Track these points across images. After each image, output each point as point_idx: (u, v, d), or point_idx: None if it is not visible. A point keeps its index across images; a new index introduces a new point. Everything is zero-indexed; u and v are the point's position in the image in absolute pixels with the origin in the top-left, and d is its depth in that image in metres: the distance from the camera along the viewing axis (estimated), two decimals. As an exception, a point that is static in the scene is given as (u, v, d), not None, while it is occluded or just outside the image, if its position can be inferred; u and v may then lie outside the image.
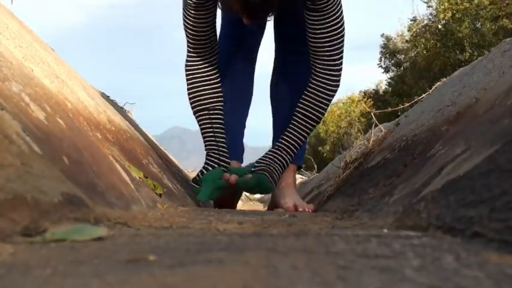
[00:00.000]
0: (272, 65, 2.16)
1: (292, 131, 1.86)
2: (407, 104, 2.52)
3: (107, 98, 2.70)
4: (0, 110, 0.80)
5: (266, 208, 3.06)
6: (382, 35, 16.70)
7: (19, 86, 1.03)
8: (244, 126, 2.16)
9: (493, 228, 0.55)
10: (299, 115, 1.84)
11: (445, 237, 0.62)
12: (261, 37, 2.16)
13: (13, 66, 1.12)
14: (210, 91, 1.87)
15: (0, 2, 1.81)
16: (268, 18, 1.65)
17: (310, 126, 1.86)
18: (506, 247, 0.51)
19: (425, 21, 13.99)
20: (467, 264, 0.46)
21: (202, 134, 1.88)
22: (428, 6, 13.89)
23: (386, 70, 16.78)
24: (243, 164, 2.05)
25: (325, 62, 1.78)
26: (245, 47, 2.11)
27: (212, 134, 1.87)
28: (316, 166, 5.94)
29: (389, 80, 16.96)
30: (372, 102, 16.76)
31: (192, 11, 1.76)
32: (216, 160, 1.85)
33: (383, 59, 16.69)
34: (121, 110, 3.01)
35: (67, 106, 1.32)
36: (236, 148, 2.04)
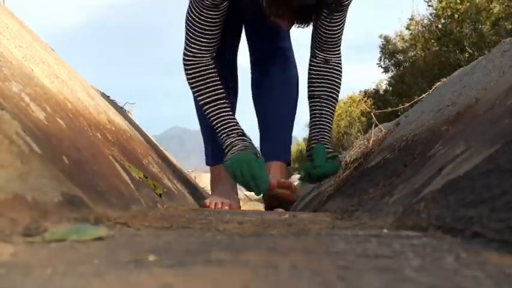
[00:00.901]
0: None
1: (326, 113, 1.93)
2: (407, 104, 2.52)
3: (107, 98, 2.70)
4: (0, 110, 0.80)
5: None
6: (381, 36, 16.65)
7: (19, 86, 1.03)
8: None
9: (493, 228, 0.55)
10: (327, 98, 1.94)
11: (445, 237, 0.62)
12: (240, 38, 2.17)
13: (13, 66, 1.12)
14: (221, 85, 1.86)
15: (0, 2, 1.81)
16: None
17: (335, 105, 1.98)
18: (506, 247, 0.51)
19: (425, 21, 13.98)
20: (467, 264, 0.46)
21: (222, 120, 1.82)
22: (429, 6, 13.88)
23: (386, 70, 16.75)
24: None
25: (336, 48, 1.92)
26: (227, 49, 2.10)
27: (235, 120, 1.86)
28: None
29: (389, 80, 16.94)
30: (372, 101, 16.75)
31: (205, 11, 1.75)
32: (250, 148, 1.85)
33: (383, 58, 16.66)
34: (121, 110, 3.01)
35: (67, 106, 1.32)
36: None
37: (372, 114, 2.33)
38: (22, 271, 0.44)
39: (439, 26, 13.39)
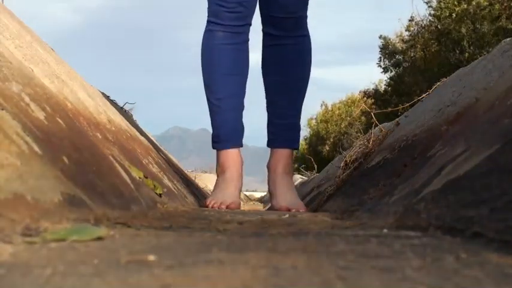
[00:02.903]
0: None
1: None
2: (407, 104, 2.52)
3: (107, 98, 2.70)
4: (0, 110, 0.80)
5: (266, 208, 3.06)
6: (380, 37, 16.59)
7: (19, 86, 1.03)
8: (243, 106, 2.06)
9: (493, 228, 0.55)
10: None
11: (445, 237, 0.62)
12: (255, 6, 2.02)
13: (13, 66, 1.12)
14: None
15: (0, 2, 1.81)
16: None
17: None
18: (506, 247, 0.51)
19: (425, 22, 13.98)
20: (467, 264, 0.46)
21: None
22: (429, 6, 13.87)
23: (386, 70, 16.72)
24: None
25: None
26: (240, 19, 1.96)
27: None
28: (316, 166, 5.94)
29: (388, 80, 16.92)
30: (372, 101, 16.75)
31: None
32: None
33: (382, 59, 16.62)
34: (121, 110, 3.01)
35: (67, 106, 1.32)
36: (239, 132, 2.00)
37: (372, 114, 2.33)
38: (22, 271, 0.44)
39: (439, 26, 13.39)
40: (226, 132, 1.97)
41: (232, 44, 1.94)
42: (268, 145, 2.04)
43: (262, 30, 2.04)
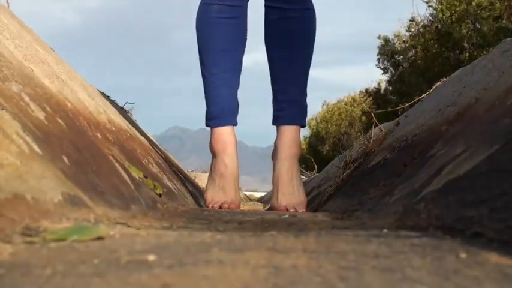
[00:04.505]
0: None
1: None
2: (408, 104, 2.52)
3: (107, 98, 2.70)
4: (0, 110, 0.80)
5: (266, 208, 3.06)
6: (379, 37, 16.48)
7: (19, 86, 1.03)
8: (239, 84, 1.98)
9: (493, 228, 0.55)
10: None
11: (445, 237, 0.62)
12: None
13: (13, 66, 1.12)
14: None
15: (0, 2, 1.81)
16: None
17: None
18: (506, 247, 0.51)
19: (425, 22, 13.97)
20: (467, 264, 0.46)
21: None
22: (429, 6, 13.85)
23: (385, 71, 16.68)
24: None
25: None
26: None
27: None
28: (316, 166, 5.94)
29: (388, 80, 16.88)
30: (373, 101, 16.73)
31: None
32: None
33: (381, 59, 16.55)
34: (121, 110, 3.01)
35: (67, 106, 1.32)
36: (233, 109, 1.94)
37: (372, 114, 2.33)
38: (22, 271, 0.44)
39: (439, 26, 13.38)
40: (220, 109, 1.89)
41: (228, 18, 1.87)
42: (273, 123, 1.94)
43: (265, 5, 1.96)
